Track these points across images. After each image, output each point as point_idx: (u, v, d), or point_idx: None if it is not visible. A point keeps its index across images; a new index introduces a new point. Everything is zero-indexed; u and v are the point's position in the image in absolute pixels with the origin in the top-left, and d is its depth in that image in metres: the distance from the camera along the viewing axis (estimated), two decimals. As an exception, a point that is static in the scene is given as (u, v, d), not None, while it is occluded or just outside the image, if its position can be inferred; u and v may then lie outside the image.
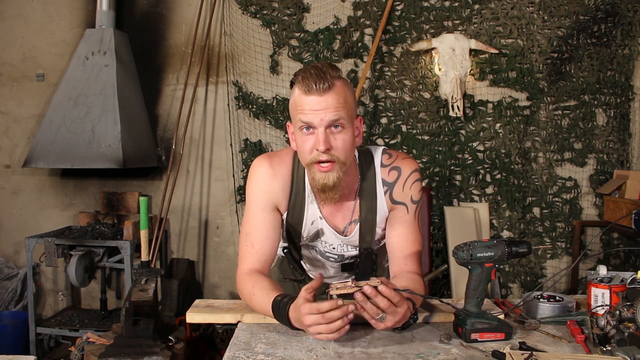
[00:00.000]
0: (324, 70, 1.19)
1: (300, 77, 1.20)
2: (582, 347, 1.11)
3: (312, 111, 1.19)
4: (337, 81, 1.20)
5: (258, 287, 1.24)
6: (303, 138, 1.23)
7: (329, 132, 1.20)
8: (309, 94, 1.19)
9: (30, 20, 3.54)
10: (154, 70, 3.48)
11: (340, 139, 1.22)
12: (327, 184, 1.23)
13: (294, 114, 1.24)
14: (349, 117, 1.22)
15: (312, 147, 1.22)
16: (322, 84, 1.17)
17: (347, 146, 1.23)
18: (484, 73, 3.24)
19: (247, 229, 1.35)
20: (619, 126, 3.22)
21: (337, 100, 1.19)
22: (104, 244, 3.08)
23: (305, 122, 1.20)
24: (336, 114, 1.19)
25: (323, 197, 1.27)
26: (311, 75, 1.18)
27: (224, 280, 3.51)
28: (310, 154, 1.23)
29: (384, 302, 1.06)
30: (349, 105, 1.22)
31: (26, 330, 3.14)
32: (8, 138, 3.60)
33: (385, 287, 1.06)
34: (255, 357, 1.06)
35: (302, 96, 1.20)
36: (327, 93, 1.18)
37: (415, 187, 1.37)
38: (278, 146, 3.39)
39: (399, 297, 1.08)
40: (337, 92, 1.19)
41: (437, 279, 3.23)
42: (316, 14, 3.32)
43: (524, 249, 1.17)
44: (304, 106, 1.19)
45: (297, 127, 1.23)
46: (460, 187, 3.31)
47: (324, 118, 1.18)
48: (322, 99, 1.18)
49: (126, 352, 1.79)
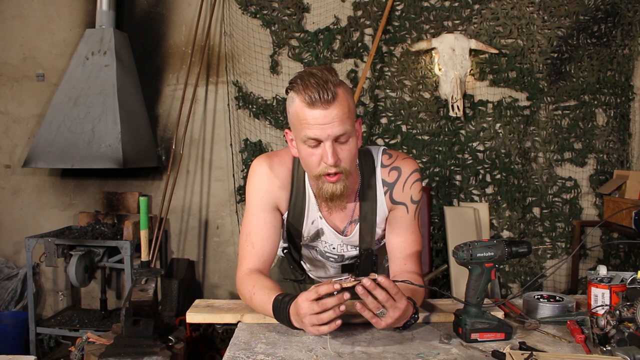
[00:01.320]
0: (325, 79, 1.15)
1: (300, 86, 1.16)
2: (582, 347, 1.11)
3: (318, 126, 1.16)
4: (338, 89, 1.17)
5: (259, 287, 1.25)
6: (309, 151, 1.21)
7: (335, 145, 1.19)
8: (313, 107, 1.15)
9: (30, 20, 3.54)
10: (154, 70, 3.48)
11: (347, 150, 1.21)
12: (335, 194, 1.24)
13: (298, 126, 1.20)
14: (352, 127, 1.21)
15: (320, 161, 1.20)
16: (326, 94, 1.14)
17: (353, 155, 1.23)
18: (484, 73, 3.24)
19: (247, 229, 1.36)
20: (619, 126, 3.22)
21: (342, 112, 1.16)
22: (104, 244, 3.08)
23: (312, 137, 1.18)
24: (342, 127, 1.17)
25: (330, 205, 1.28)
26: (312, 86, 1.14)
27: (224, 280, 3.51)
28: (318, 167, 1.21)
29: (383, 294, 1.06)
30: (352, 113, 1.21)
31: (26, 330, 3.14)
32: (8, 138, 3.60)
33: (383, 277, 1.07)
34: (255, 357, 1.06)
35: (305, 109, 1.16)
36: (331, 105, 1.15)
37: (415, 187, 1.37)
38: (278, 146, 3.39)
39: (397, 289, 1.08)
40: (341, 102, 1.16)
41: (437, 279, 3.22)
42: (316, 14, 3.32)
43: (524, 249, 1.17)
44: (309, 120, 1.16)
45: (301, 140, 1.21)
46: (460, 187, 3.31)
47: (331, 133, 1.16)
48: (327, 112, 1.15)
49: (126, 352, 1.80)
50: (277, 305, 1.16)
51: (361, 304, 1.08)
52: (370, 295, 1.07)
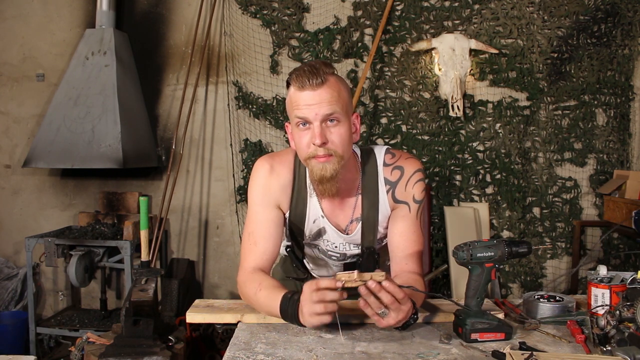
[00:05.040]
0: (317, 67, 1.21)
1: (294, 75, 1.23)
2: (582, 347, 1.11)
3: (306, 106, 1.21)
4: (330, 77, 1.23)
5: (265, 285, 1.25)
6: (300, 134, 1.25)
7: (324, 127, 1.22)
8: (302, 89, 1.21)
9: (30, 20, 3.54)
10: (154, 70, 3.48)
11: (337, 133, 1.23)
12: (325, 175, 1.24)
13: (290, 110, 1.26)
14: (343, 111, 1.24)
15: (309, 142, 1.23)
16: (315, 79, 1.20)
17: (344, 140, 1.24)
18: (484, 73, 3.24)
19: (249, 228, 1.37)
20: (619, 126, 3.22)
21: (330, 95, 1.21)
22: (104, 244, 3.08)
23: (301, 117, 1.22)
24: (330, 107, 1.21)
25: (321, 188, 1.28)
26: (304, 72, 1.21)
27: (224, 280, 3.51)
28: (308, 148, 1.24)
29: (388, 297, 1.08)
30: (343, 100, 1.24)
31: (26, 330, 3.14)
32: (8, 138, 3.60)
33: (389, 283, 1.08)
34: (255, 357, 1.06)
35: (296, 92, 1.23)
36: (320, 88, 1.21)
37: (418, 186, 1.37)
38: (278, 146, 3.39)
39: (403, 294, 1.09)
40: (331, 86, 1.22)
41: (437, 279, 3.23)
42: (316, 14, 3.32)
43: (524, 249, 1.17)
44: (299, 102, 1.22)
45: (294, 124, 1.26)
46: (460, 187, 3.31)
47: (318, 112, 1.21)
48: (315, 93, 1.20)
49: (126, 352, 1.79)
50: (285, 303, 1.18)
51: (365, 302, 1.09)
52: (373, 296, 1.08)
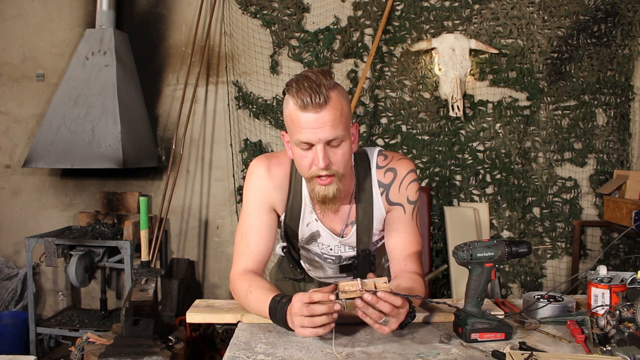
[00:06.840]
0: (318, 83, 1.15)
1: (294, 89, 1.17)
2: (582, 347, 1.11)
3: (310, 129, 1.16)
4: (332, 92, 1.17)
5: (255, 287, 1.25)
6: (301, 154, 1.22)
7: (327, 148, 1.19)
8: (304, 110, 1.16)
9: (30, 20, 3.54)
10: (154, 70, 3.48)
11: (340, 154, 1.21)
12: (327, 196, 1.24)
13: (291, 129, 1.22)
14: (346, 130, 1.21)
15: (311, 163, 1.21)
16: (318, 98, 1.14)
17: (346, 159, 1.24)
18: (484, 73, 3.24)
19: (242, 229, 1.36)
20: (619, 126, 3.22)
21: (334, 116, 1.16)
22: (104, 244, 3.08)
23: (304, 141, 1.18)
24: (334, 132, 1.17)
25: (323, 207, 1.28)
26: (305, 89, 1.15)
27: (224, 280, 3.51)
28: (310, 169, 1.22)
29: (386, 306, 1.06)
30: (346, 118, 1.20)
31: (26, 330, 3.14)
32: (8, 138, 3.60)
33: (384, 293, 1.06)
34: (255, 357, 1.06)
35: (297, 112, 1.17)
36: (323, 109, 1.15)
37: (412, 187, 1.37)
38: (278, 146, 3.39)
39: (401, 300, 1.08)
40: (334, 106, 1.17)
41: (437, 279, 3.23)
42: (316, 14, 3.32)
43: (524, 249, 1.17)
44: (301, 124, 1.17)
45: (295, 143, 1.22)
46: (460, 187, 3.31)
47: (321, 137, 1.17)
48: (318, 116, 1.15)
49: (126, 352, 1.80)
50: (274, 306, 1.16)
51: (363, 312, 1.07)
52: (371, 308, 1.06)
